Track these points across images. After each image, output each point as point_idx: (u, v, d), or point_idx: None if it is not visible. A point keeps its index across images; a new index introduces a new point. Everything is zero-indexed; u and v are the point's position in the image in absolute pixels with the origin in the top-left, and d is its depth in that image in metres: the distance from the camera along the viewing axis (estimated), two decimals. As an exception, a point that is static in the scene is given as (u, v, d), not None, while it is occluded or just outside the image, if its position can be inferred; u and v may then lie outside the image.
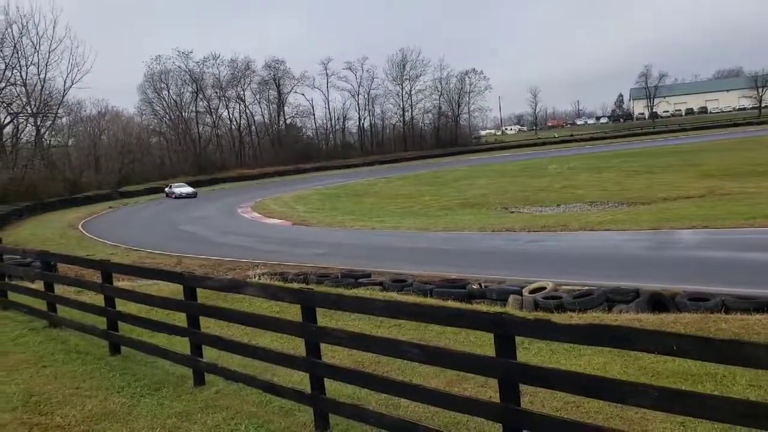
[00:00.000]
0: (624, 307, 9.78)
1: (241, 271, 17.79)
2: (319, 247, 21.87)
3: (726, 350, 3.13)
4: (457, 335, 8.58)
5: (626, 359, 7.15)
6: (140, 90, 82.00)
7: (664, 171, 37.27)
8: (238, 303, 9.49)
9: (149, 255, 22.99)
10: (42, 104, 57.31)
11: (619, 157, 52.19)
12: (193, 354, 6.60)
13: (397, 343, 4.77)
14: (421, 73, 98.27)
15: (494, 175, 48.61)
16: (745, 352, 3.03)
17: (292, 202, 41.02)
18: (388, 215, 30.55)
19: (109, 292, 7.99)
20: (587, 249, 17.36)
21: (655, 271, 13.33)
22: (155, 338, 7.69)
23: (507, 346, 3.94)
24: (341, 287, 12.45)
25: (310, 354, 5.30)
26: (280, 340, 7.92)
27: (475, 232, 22.27)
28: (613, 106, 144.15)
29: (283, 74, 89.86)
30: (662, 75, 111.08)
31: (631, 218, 21.33)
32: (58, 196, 51.74)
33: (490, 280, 12.92)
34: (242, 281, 7.39)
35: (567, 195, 31.47)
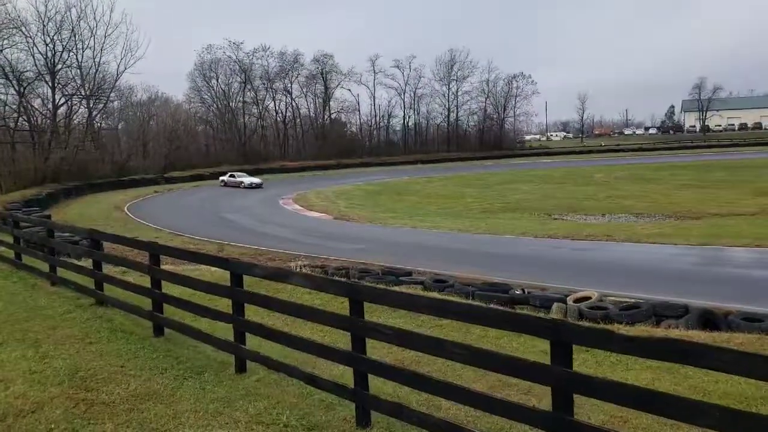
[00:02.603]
0: (673, 323, 9.50)
1: (282, 261, 17.90)
2: (359, 243, 21.88)
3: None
4: (498, 340, 8.44)
5: (675, 376, 6.94)
6: (190, 78, 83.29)
7: (715, 186, 36.29)
8: (279, 293, 9.51)
9: (191, 240, 23.31)
10: (95, 87, 58.59)
11: (669, 169, 51.04)
12: (237, 340, 6.61)
13: (443, 343, 4.67)
14: (469, 74, 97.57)
15: (538, 181, 48.03)
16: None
17: (334, 197, 41.18)
18: (428, 215, 30.44)
19: (156, 274, 8.07)
20: (633, 261, 16.99)
21: (704, 288, 12.95)
22: (198, 322, 7.74)
23: (563, 354, 3.81)
24: (382, 284, 12.39)
25: (355, 348, 5.24)
26: (320, 333, 7.90)
27: (516, 236, 22.00)
28: (663, 118, 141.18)
29: (330, 69, 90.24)
30: (716, 88, 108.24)
31: (680, 232, 20.82)
32: (106, 177, 52.90)
33: (533, 287, 12.71)
34: (289, 271, 7.39)
35: (612, 205, 30.91)
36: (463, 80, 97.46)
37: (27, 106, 51.07)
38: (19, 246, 13.47)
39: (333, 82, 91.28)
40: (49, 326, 8.55)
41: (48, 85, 53.76)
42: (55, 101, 54.54)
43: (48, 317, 9.08)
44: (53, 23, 53.64)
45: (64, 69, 55.34)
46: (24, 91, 50.01)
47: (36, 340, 7.88)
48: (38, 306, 9.86)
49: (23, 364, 6.89)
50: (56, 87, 54.21)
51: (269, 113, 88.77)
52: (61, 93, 55.21)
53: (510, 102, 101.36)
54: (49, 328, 8.46)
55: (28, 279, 12.04)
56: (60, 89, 54.93)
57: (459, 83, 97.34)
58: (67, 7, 55.42)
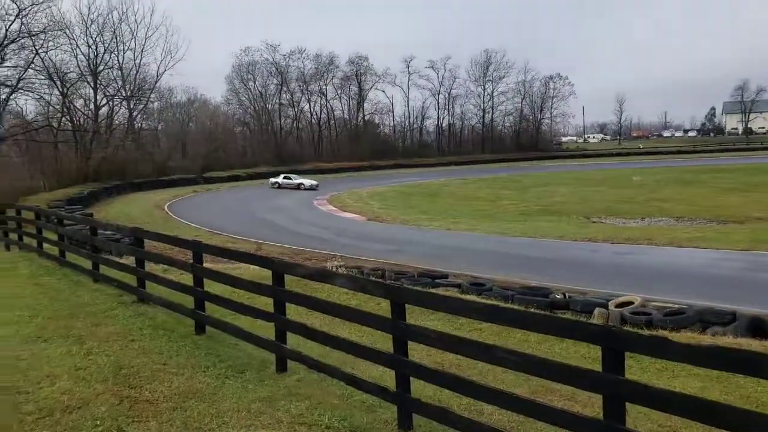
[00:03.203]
0: (720, 330, 9.23)
1: (317, 261, 17.96)
2: (393, 244, 21.84)
3: None
4: (540, 345, 8.32)
5: (726, 385, 6.74)
6: (228, 80, 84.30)
7: (759, 190, 35.30)
8: (317, 293, 9.51)
9: (230, 239, 23.55)
10: (136, 88, 59.75)
11: (710, 172, 49.88)
12: (278, 339, 6.62)
13: (491, 348, 4.59)
14: (505, 75, 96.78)
15: (575, 183, 47.40)
16: None
17: (367, 198, 41.23)
18: (463, 217, 30.24)
19: (199, 273, 8.14)
20: (674, 265, 16.62)
21: (750, 294, 12.59)
22: (238, 321, 7.78)
23: (616, 362, 3.71)
24: (418, 286, 12.32)
25: (397, 351, 5.19)
26: (357, 333, 7.86)
27: (554, 239, 21.71)
28: (704, 120, 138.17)
29: (365, 70, 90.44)
30: (760, 89, 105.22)
31: (723, 236, 20.30)
32: (146, 177, 53.84)
33: (573, 291, 12.51)
34: (331, 272, 7.39)
35: (652, 208, 30.31)
36: (498, 81, 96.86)
37: (70, 107, 52.25)
38: (63, 243, 13.76)
39: (367, 84, 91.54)
40: (92, 323, 8.69)
41: (90, 86, 54.97)
42: (97, 102, 55.75)
43: (91, 314, 9.24)
44: (96, 25, 54.96)
45: (106, 70, 56.59)
46: (67, 92, 51.16)
47: (80, 336, 8.01)
48: (82, 303, 10.05)
49: (69, 361, 7.01)
50: (98, 88, 55.41)
51: (304, 115, 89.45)
52: (102, 94, 56.44)
53: (546, 103, 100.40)
54: (93, 324, 8.60)
55: (71, 276, 12.29)
56: (102, 90, 56.15)
57: (494, 84, 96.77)
58: (109, 10, 56.83)
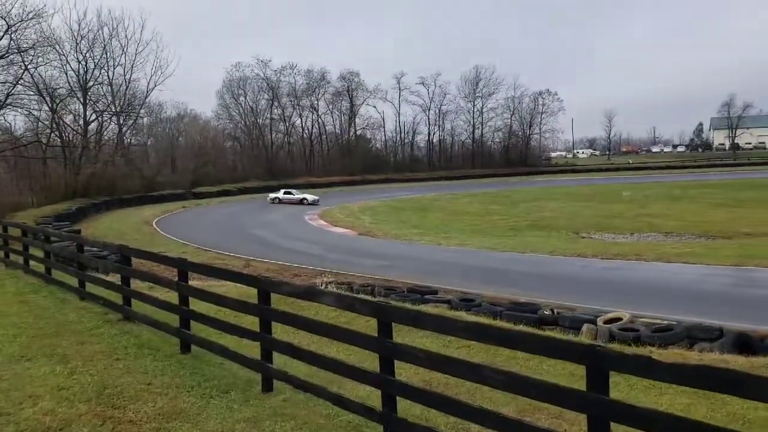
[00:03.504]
0: (707, 346, 9.25)
1: (307, 277, 17.88)
2: (384, 259, 21.79)
3: None
4: (528, 362, 8.28)
5: (713, 402, 6.72)
6: (218, 95, 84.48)
7: (746, 205, 35.58)
8: (304, 311, 9.46)
9: (218, 256, 23.43)
10: (126, 104, 59.64)
11: (698, 187, 50.26)
12: (263, 359, 6.56)
13: (479, 367, 4.56)
14: (494, 91, 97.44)
15: (565, 198, 47.59)
16: None
17: (359, 212, 41.21)
18: (454, 231, 30.26)
19: (184, 291, 8.07)
20: (663, 281, 16.67)
21: (738, 310, 12.62)
22: (224, 339, 7.70)
23: (600, 381, 3.69)
24: (407, 302, 12.30)
25: (383, 370, 5.16)
26: (345, 352, 7.80)
27: (544, 255, 21.74)
28: (692, 135, 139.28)
29: (356, 86, 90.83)
30: (746, 105, 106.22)
31: (711, 252, 20.39)
32: (135, 192, 53.60)
33: (562, 307, 12.51)
34: (319, 289, 7.33)
35: (641, 223, 30.44)
36: (488, 97, 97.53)
37: (59, 122, 52.03)
38: (49, 260, 13.63)
39: (358, 99, 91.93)
40: (77, 341, 8.59)
41: (80, 102, 54.78)
42: (87, 117, 55.52)
43: (76, 332, 9.14)
44: (86, 41, 54.83)
45: (96, 86, 56.42)
46: (56, 108, 50.98)
47: (64, 355, 7.91)
48: (67, 321, 9.94)
49: (52, 380, 6.91)
50: (87, 103, 55.21)
51: (295, 130, 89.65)
52: (92, 109, 56.24)
53: (536, 119, 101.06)
54: (78, 343, 8.51)
55: (57, 293, 12.16)
56: (91, 105, 55.94)
57: (484, 100, 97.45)
58: (99, 26, 56.62)
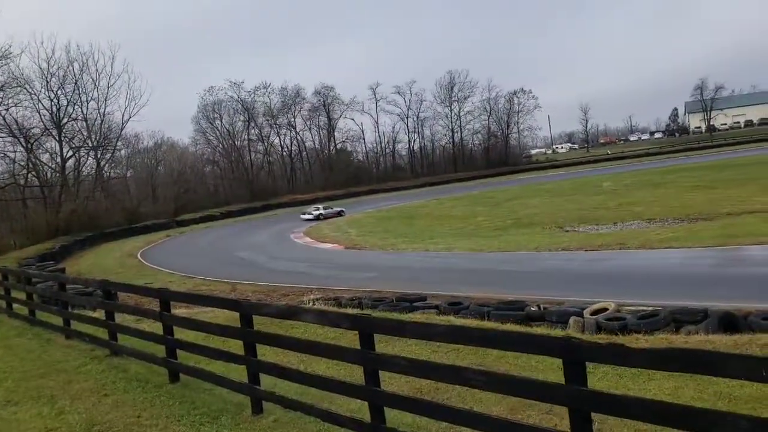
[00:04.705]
0: (693, 328, 9.33)
1: (295, 296, 17.83)
2: (372, 271, 21.79)
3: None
4: (517, 359, 8.30)
5: (699, 383, 6.77)
6: (194, 121, 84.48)
7: (725, 185, 35.91)
8: (293, 329, 9.45)
9: (204, 282, 23.33)
10: (102, 138, 59.46)
11: (677, 172, 50.70)
12: (251, 382, 6.55)
13: (461, 370, 4.59)
14: (470, 94, 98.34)
15: (547, 194, 47.83)
16: None
17: (345, 226, 41.17)
18: (440, 236, 30.32)
19: (168, 320, 8.05)
20: (648, 268, 16.79)
21: (723, 290, 12.74)
22: (212, 365, 7.68)
23: (577, 373, 3.73)
24: (396, 311, 12.31)
25: (369, 382, 5.17)
26: (336, 367, 7.80)
27: (530, 252, 21.85)
28: (668, 121, 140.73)
29: (332, 100, 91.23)
30: (718, 87, 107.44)
31: (694, 235, 20.58)
32: (117, 226, 53.26)
33: (549, 302, 12.58)
34: (299, 308, 7.32)
35: (624, 212, 30.63)
36: (464, 100, 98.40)
37: (35, 162, 51.75)
38: (32, 302, 13.50)
39: (336, 113, 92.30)
40: (64, 381, 8.52)
41: (55, 140, 54.64)
42: (63, 155, 55.29)
43: (63, 371, 9.06)
44: (56, 78, 54.74)
45: (70, 122, 56.27)
46: (32, 147, 50.70)
47: (51, 396, 7.84)
48: (53, 360, 9.85)
49: (38, 422, 6.85)
50: (63, 140, 55.01)
51: (275, 148, 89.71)
52: (68, 146, 56.03)
53: (513, 118, 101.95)
54: (65, 382, 8.44)
55: (42, 334, 12.04)
56: (67, 142, 55.72)
57: (461, 104, 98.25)
58: (69, 62, 56.50)
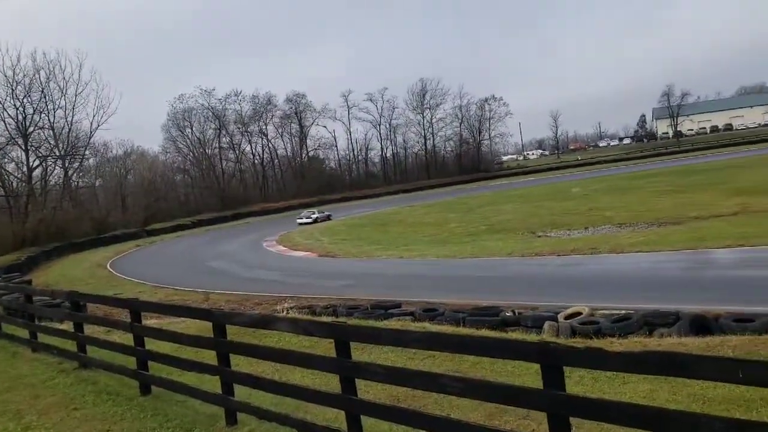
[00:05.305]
0: (665, 331, 9.43)
1: (269, 305, 17.65)
2: (346, 279, 21.69)
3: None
4: (493, 365, 8.30)
5: (674, 385, 6.83)
6: (164, 129, 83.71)
7: (693, 190, 36.57)
8: (267, 338, 9.33)
9: (176, 292, 22.99)
10: (69, 147, 58.52)
11: (645, 177, 51.49)
12: (225, 393, 6.44)
13: (437, 377, 4.56)
14: (441, 101, 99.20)
15: (519, 200, 48.21)
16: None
17: (318, 234, 40.97)
18: (414, 243, 30.33)
19: (138, 331, 7.89)
20: (620, 272, 16.96)
21: (693, 293, 12.91)
22: (185, 377, 7.54)
23: (555, 378, 3.71)
24: (371, 319, 12.25)
25: (345, 390, 5.10)
26: (311, 376, 7.71)
27: (503, 257, 21.95)
28: (636, 127, 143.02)
29: (304, 108, 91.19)
30: (684, 93, 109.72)
31: (663, 239, 20.85)
32: (86, 236, 52.30)
33: (523, 307, 12.62)
34: (272, 316, 7.23)
35: (594, 217, 30.98)
36: (436, 108, 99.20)
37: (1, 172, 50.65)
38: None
39: (308, 121, 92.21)
40: (31, 395, 8.29)
41: (21, 149, 53.54)
42: (30, 164, 54.30)
43: (30, 385, 8.82)
44: (22, 86, 53.74)
45: (37, 131, 55.30)
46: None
47: (18, 411, 7.62)
48: (20, 375, 9.59)
49: (4, 439, 6.65)
50: (30, 149, 54.02)
51: (246, 156, 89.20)
52: (35, 155, 55.05)
53: (484, 125, 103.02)
54: (32, 397, 8.21)
55: (8, 348, 11.73)
56: (34, 151, 54.75)
57: (433, 111, 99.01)
58: (35, 70, 55.51)
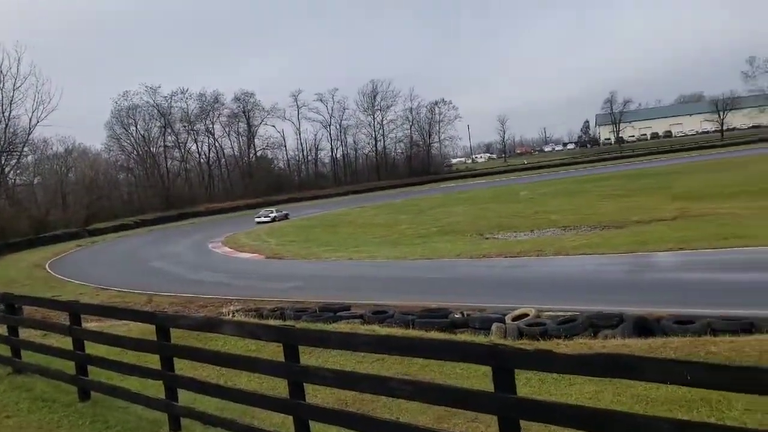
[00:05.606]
0: (609, 333, 9.63)
1: (214, 308, 17.32)
2: (294, 281, 21.48)
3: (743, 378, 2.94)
4: (442, 367, 8.31)
5: (618, 387, 6.96)
6: (108, 126, 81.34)
7: (634, 194, 37.63)
8: (213, 342, 9.12)
9: (118, 294, 22.37)
10: (6, 143, 56.29)
11: (589, 181, 52.76)
12: (168, 398, 6.24)
13: (387, 380, 4.50)
14: (392, 103, 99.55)
15: (468, 202, 48.72)
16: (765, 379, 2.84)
17: (265, 235, 40.48)
18: (364, 245, 30.28)
19: (78, 335, 7.58)
20: (565, 274, 17.29)
21: (636, 295, 13.26)
22: (126, 382, 7.28)
23: (506, 380, 3.70)
24: (320, 322, 12.14)
25: (293, 395, 5.00)
26: (257, 380, 7.56)
27: (452, 259, 22.12)
28: (580, 133, 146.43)
29: (252, 107, 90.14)
30: (626, 101, 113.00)
31: (606, 242, 21.36)
32: (24, 235, 50.43)
33: (472, 308, 12.72)
34: (218, 319, 7.06)
35: (540, 220, 31.53)
36: (387, 109, 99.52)
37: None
38: None
39: (256, 120, 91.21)
40: (-41, 403, 7.86)
41: (-46, 144, 51.27)
42: (-36, 160, 51.98)
43: (-43, 395, 8.37)
44: (-44, 80, 51.37)
45: (-29, 126, 52.96)
46: (-73, 152, 47.44)
47: (-56, 420, 7.22)
48: (-55, 384, 9.09)
49: (-69, 450, 6.29)
50: (-37, 145, 51.72)
51: (192, 156, 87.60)
52: (-31, 151, 52.72)
53: (434, 128, 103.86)
54: (-40, 407, 7.79)
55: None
56: (-32, 147, 52.45)
57: (383, 112, 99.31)
58: (-31, 63, 53.21)
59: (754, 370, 3.01)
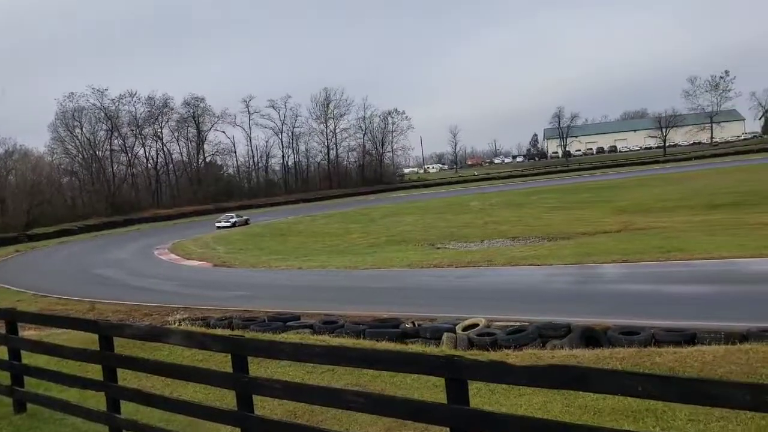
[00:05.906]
0: (557, 343, 9.76)
1: (160, 316, 16.88)
2: (243, 289, 21.15)
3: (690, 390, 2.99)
4: (393, 378, 8.27)
5: (567, 397, 7.03)
6: (51, 128, 78.93)
7: (580, 207, 38.52)
8: (158, 351, 8.86)
9: (59, 301, 21.61)
10: (-59, 143, 54.05)
11: (537, 193, 53.76)
12: (110, 409, 6.00)
13: (339, 392, 4.43)
14: (345, 112, 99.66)
15: (419, 212, 48.98)
16: (713, 391, 2.89)
17: (213, 243, 39.79)
18: (314, 254, 30.09)
19: (14, 344, 7.26)
20: (514, 284, 17.50)
21: (582, 305, 13.48)
22: (66, 393, 7.00)
23: (459, 392, 3.68)
24: (269, 332, 11.96)
25: (241, 407, 4.86)
26: (204, 391, 7.37)
27: (403, 269, 22.16)
28: (529, 146, 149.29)
29: (202, 112, 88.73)
30: (573, 116, 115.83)
31: (554, 253, 21.73)
32: (-43, 240, 48.42)
33: (422, 318, 12.73)
34: (165, 329, 6.85)
35: (490, 230, 31.93)
36: (340, 118, 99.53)
37: None
38: None
39: (206, 125, 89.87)
40: None
41: None
42: None
43: None
44: None
45: None
46: None
47: None
48: None
49: None
50: None
51: (139, 160, 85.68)
52: None
53: (387, 137, 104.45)
54: None
55: None
56: None
57: (336, 121, 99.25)
58: None
59: (701, 382, 3.07)
